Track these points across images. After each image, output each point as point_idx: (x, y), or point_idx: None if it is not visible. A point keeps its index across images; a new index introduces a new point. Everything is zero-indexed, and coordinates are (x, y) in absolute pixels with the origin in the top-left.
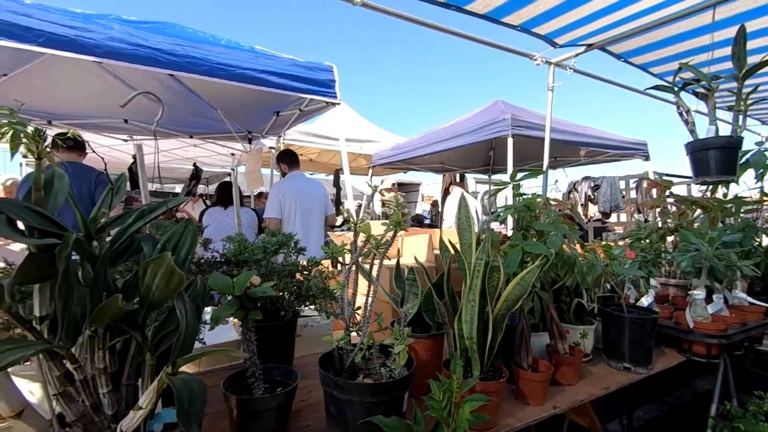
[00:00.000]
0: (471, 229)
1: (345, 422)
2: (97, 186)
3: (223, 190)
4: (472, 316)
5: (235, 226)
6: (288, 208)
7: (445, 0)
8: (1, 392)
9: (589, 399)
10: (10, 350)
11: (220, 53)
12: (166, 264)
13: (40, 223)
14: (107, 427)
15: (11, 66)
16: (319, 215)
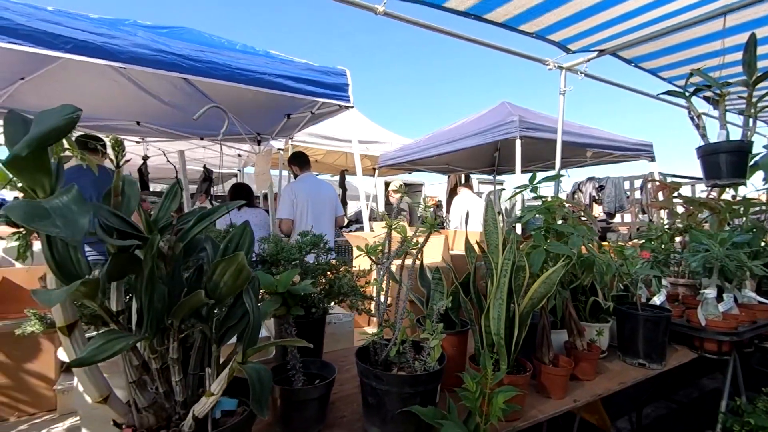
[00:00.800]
0: (497, 230)
1: (384, 411)
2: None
3: (236, 192)
4: (500, 312)
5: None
6: (300, 208)
7: (465, 9)
8: (93, 380)
9: (607, 393)
10: (116, 339)
11: (239, 58)
12: (237, 263)
13: (119, 225)
14: (176, 413)
15: (30, 69)
16: (329, 215)
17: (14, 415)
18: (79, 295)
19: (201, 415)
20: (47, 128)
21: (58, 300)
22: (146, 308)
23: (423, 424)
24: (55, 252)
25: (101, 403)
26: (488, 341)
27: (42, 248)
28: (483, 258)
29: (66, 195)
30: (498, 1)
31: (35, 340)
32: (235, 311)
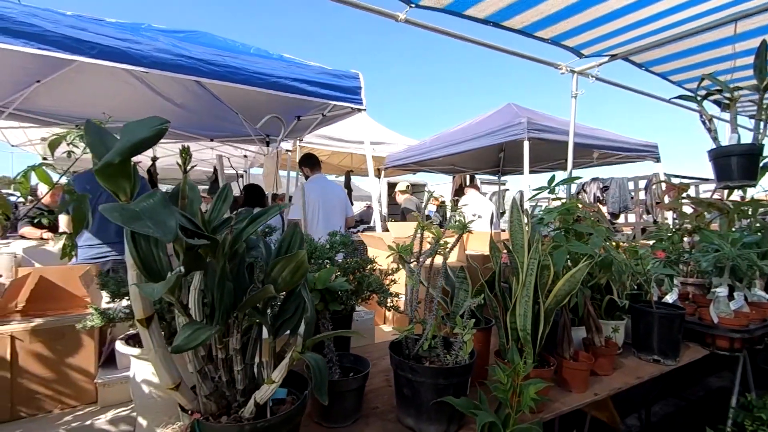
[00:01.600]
0: (523, 231)
1: (419, 402)
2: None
3: (249, 192)
4: (526, 309)
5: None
6: (311, 209)
7: (485, 17)
8: (168, 368)
9: (626, 387)
10: (201, 330)
11: (256, 62)
12: (297, 260)
13: (189, 225)
14: (235, 400)
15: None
16: (340, 216)
17: (57, 407)
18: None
19: (262, 402)
20: (138, 138)
21: (161, 292)
22: (218, 302)
23: (455, 414)
24: (140, 250)
25: (173, 390)
26: (513, 336)
27: (127, 247)
28: (508, 257)
29: (152, 199)
30: (516, 9)
31: (76, 335)
32: (289, 305)
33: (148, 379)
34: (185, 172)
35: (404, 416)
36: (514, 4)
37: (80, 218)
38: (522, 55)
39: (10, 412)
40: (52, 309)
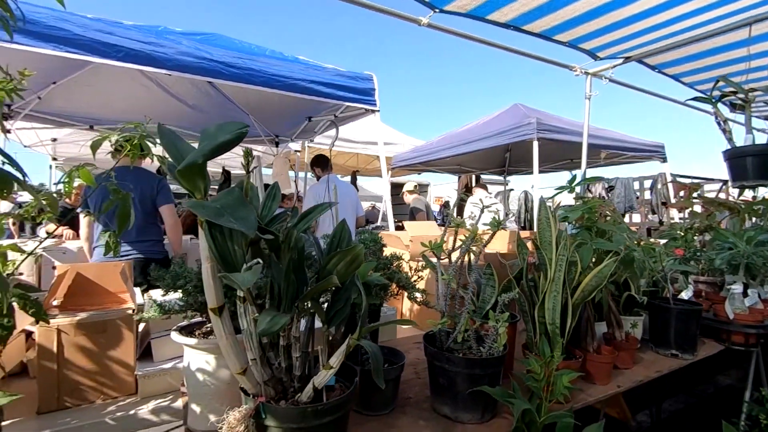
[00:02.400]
0: (551, 228)
1: (454, 391)
2: (159, 191)
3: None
4: (555, 304)
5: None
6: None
7: (506, 21)
8: (237, 354)
9: (647, 380)
10: (278, 316)
11: (274, 65)
12: (353, 254)
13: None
14: (291, 386)
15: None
16: (351, 216)
17: (99, 397)
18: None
19: (320, 386)
20: (221, 141)
21: (251, 281)
22: (285, 292)
23: (490, 403)
24: (217, 244)
25: (240, 375)
26: (541, 330)
27: (206, 241)
28: (536, 253)
29: (231, 196)
30: (538, 14)
31: (117, 329)
32: (340, 297)
33: (202, 367)
34: (248, 172)
35: (439, 405)
36: (535, 9)
37: (125, 216)
38: (538, 57)
39: (56, 402)
40: (89, 304)
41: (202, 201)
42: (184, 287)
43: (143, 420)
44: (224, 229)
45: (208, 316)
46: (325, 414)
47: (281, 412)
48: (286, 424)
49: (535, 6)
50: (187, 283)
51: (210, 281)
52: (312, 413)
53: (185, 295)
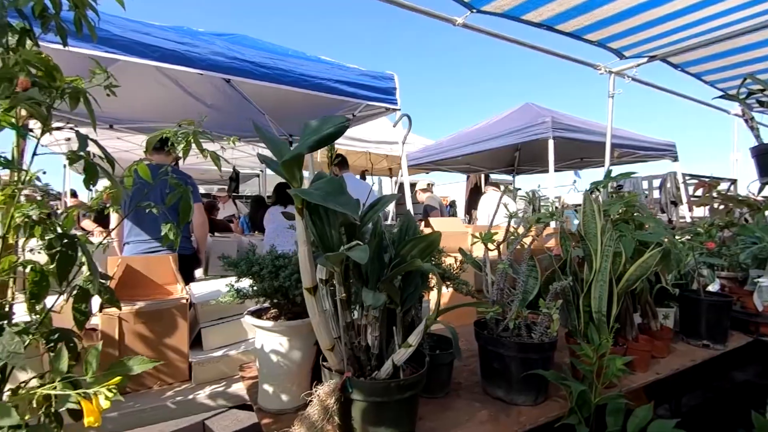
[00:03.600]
0: (595, 220)
1: (509, 375)
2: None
3: (280, 190)
4: (601, 293)
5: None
6: None
7: (540, 21)
8: (327, 331)
9: (683, 368)
10: (378, 293)
11: (302, 65)
12: (428, 240)
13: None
14: (368, 363)
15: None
16: None
17: (156, 383)
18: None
19: (399, 363)
20: (325, 134)
21: (366, 258)
22: (371, 274)
23: (542, 386)
24: (317, 228)
25: (329, 351)
26: (586, 319)
27: (305, 226)
28: (581, 245)
29: (332, 184)
30: (572, 13)
31: (172, 318)
32: (411, 281)
33: (276, 349)
34: (333, 164)
35: (493, 388)
36: (571, 9)
37: (186, 209)
38: (565, 57)
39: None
40: (137, 295)
41: (305, 189)
42: (259, 273)
43: (201, 404)
44: (321, 215)
45: (272, 302)
46: (405, 389)
47: (368, 386)
48: (371, 398)
49: (571, 6)
50: (262, 269)
51: (306, 263)
52: (395, 388)
53: (259, 281)
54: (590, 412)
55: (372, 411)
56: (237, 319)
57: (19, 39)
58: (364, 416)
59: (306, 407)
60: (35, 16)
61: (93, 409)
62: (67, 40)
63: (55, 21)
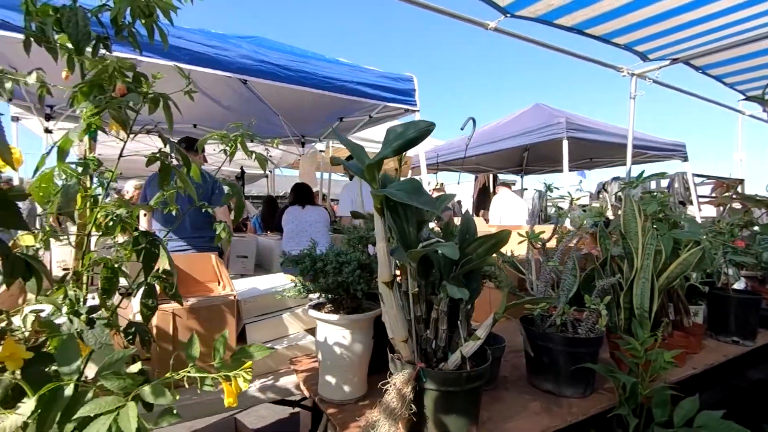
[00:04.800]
0: (636, 219)
1: (557, 369)
2: (214, 191)
3: (298, 191)
4: (643, 290)
5: (314, 223)
6: (358, 206)
7: (571, 25)
8: (403, 324)
9: (717, 363)
10: (462, 289)
11: (324, 67)
12: (497, 238)
13: None
14: (435, 356)
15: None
16: None
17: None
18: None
19: (468, 355)
20: (410, 138)
21: (456, 254)
22: (444, 270)
23: (590, 379)
24: (398, 226)
25: (403, 343)
26: (626, 315)
27: (384, 223)
28: (622, 243)
29: (411, 184)
30: (603, 18)
31: (221, 314)
32: (475, 276)
33: (339, 341)
34: (399, 168)
35: (541, 382)
36: (603, 14)
37: (239, 208)
38: (591, 59)
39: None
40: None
41: (390, 189)
42: (323, 269)
43: (252, 397)
44: (400, 213)
45: (332, 296)
46: (474, 379)
47: (441, 376)
48: (444, 387)
49: (604, 11)
50: (326, 265)
51: (384, 258)
52: (465, 378)
53: (323, 276)
54: (637, 404)
55: (443, 400)
56: (278, 316)
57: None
58: (436, 404)
59: (365, 398)
60: (113, 25)
61: (232, 390)
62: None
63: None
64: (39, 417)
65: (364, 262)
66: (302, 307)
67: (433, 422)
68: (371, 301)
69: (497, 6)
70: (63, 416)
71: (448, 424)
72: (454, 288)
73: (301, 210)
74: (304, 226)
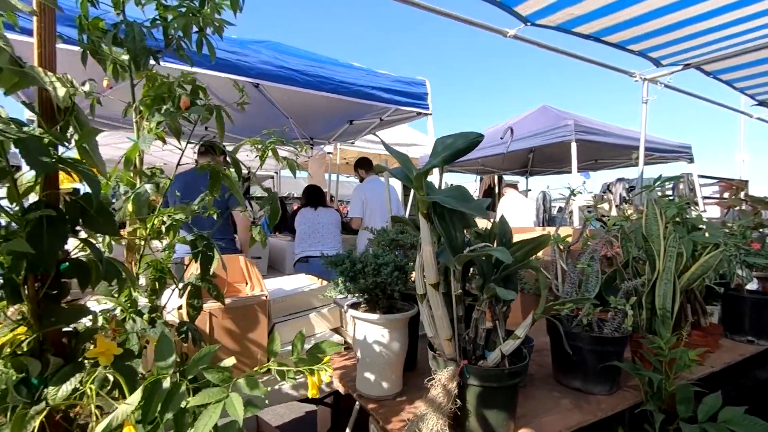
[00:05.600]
0: (658, 223)
1: (585, 367)
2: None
3: (310, 193)
4: (666, 290)
5: (326, 224)
6: (369, 208)
7: (589, 33)
8: (448, 324)
9: (734, 362)
10: (509, 291)
11: (339, 72)
12: (538, 241)
13: None
14: (473, 353)
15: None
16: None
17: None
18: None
19: (508, 353)
20: (458, 149)
21: (510, 258)
22: (487, 273)
23: (616, 377)
24: (446, 230)
25: (448, 341)
26: (648, 315)
27: (431, 228)
28: (644, 246)
29: (458, 191)
30: (621, 27)
31: (254, 313)
32: (512, 278)
33: (378, 340)
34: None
35: (569, 380)
36: (622, 23)
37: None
38: (603, 65)
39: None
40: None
41: (440, 196)
42: (362, 270)
43: (286, 394)
44: (447, 219)
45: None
46: (514, 376)
47: (483, 372)
48: (486, 383)
49: (621, 20)
50: (365, 266)
51: (431, 261)
52: (507, 374)
53: (362, 277)
54: (662, 401)
55: (485, 395)
56: (305, 316)
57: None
58: (478, 399)
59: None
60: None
61: (315, 382)
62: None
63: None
64: (143, 407)
65: (399, 264)
66: (327, 307)
67: (475, 416)
68: (404, 302)
69: (519, 15)
70: (163, 406)
71: (489, 418)
72: (503, 290)
73: (314, 212)
74: (316, 227)
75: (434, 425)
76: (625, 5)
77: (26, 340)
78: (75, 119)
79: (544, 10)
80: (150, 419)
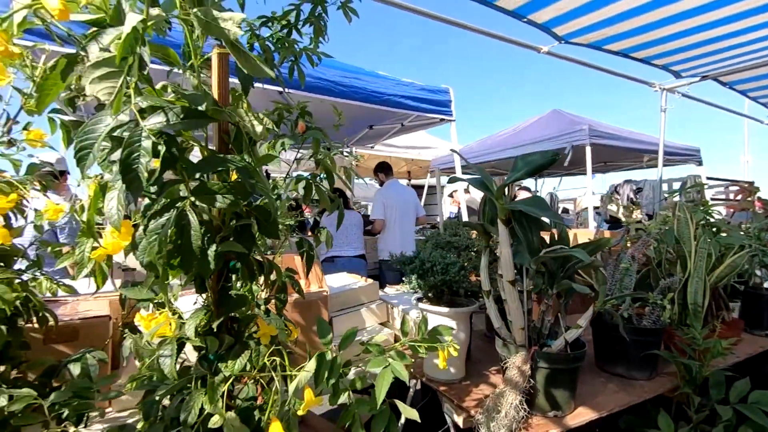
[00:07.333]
0: (689, 226)
1: (628, 356)
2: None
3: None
4: (697, 288)
5: (350, 226)
6: (390, 210)
7: (618, 50)
8: (523, 315)
9: (755, 353)
10: (583, 286)
11: (371, 82)
12: (599, 243)
13: None
14: (537, 341)
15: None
16: (412, 216)
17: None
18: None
19: (571, 340)
20: (539, 164)
21: (589, 258)
22: (556, 271)
23: (655, 364)
24: (525, 234)
25: (522, 330)
26: (679, 310)
27: (509, 232)
28: (677, 247)
29: (536, 199)
30: (649, 45)
31: (318, 307)
32: (572, 276)
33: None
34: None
35: (612, 367)
36: (650, 41)
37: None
38: (626, 76)
39: None
40: None
41: (521, 204)
42: (431, 269)
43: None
44: (524, 224)
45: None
46: (578, 360)
47: (554, 356)
48: (554, 365)
49: (651, 39)
50: (434, 265)
51: (509, 261)
52: (573, 358)
53: (431, 275)
54: (697, 385)
55: (552, 376)
56: (357, 310)
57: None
58: (546, 380)
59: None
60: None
61: (445, 356)
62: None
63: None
64: (314, 374)
65: (463, 264)
66: (375, 303)
67: (544, 394)
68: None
69: (555, 35)
70: (330, 373)
71: (556, 395)
72: (578, 285)
73: (335, 213)
74: (342, 228)
75: (513, 400)
76: (653, 27)
77: (213, 323)
78: (252, 148)
79: (580, 30)
80: (319, 383)
